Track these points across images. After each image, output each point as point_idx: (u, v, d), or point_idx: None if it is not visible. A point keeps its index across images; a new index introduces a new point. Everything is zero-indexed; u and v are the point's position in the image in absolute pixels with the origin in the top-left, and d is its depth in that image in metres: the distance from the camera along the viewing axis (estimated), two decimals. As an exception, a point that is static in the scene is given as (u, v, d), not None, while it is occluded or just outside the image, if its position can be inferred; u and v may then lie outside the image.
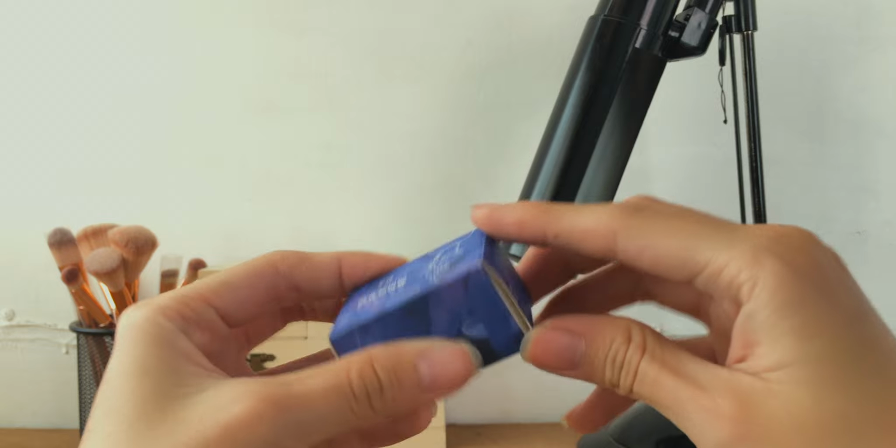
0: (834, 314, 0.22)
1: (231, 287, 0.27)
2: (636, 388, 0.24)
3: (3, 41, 0.92)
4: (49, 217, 0.88)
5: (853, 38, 0.90)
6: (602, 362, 0.24)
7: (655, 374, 0.23)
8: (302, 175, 0.92)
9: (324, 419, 0.23)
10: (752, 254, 0.22)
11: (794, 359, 0.21)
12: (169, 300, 0.26)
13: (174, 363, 0.24)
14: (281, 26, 0.92)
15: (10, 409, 0.92)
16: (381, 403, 0.24)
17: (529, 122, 0.90)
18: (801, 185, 0.91)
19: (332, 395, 0.23)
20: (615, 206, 0.25)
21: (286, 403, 0.23)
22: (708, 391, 0.22)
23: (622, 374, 0.24)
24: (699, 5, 0.67)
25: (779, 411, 0.21)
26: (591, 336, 0.25)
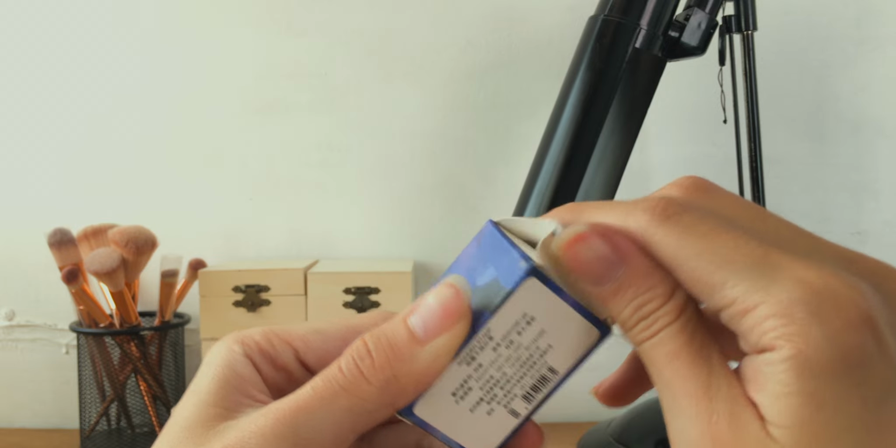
0: (854, 392, 0.19)
1: (322, 336, 0.26)
2: (644, 347, 0.21)
3: (3, 41, 0.92)
4: (49, 217, 0.89)
5: (853, 38, 0.90)
6: (627, 300, 0.22)
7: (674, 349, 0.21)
8: (302, 175, 0.92)
9: (322, 416, 0.22)
10: (787, 304, 0.19)
11: (794, 422, 0.19)
12: (256, 332, 0.26)
13: (223, 384, 0.24)
14: (281, 26, 0.92)
15: (10, 409, 0.92)
16: (376, 372, 0.22)
17: (529, 122, 0.90)
18: (801, 185, 0.91)
19: (323, 388, 0.22)
20: (651, 207, 0.22)
21: (286, 415, 0.22)
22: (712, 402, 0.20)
23: (640, 325, 0.22)
24: (699, 5, 0.67)
25: None
26: (633, 267, 0.22)
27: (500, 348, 0.23)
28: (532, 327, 0.23)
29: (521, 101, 0.91)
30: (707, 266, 0.21)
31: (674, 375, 0.21)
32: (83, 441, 0.82)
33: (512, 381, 0.24)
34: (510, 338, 0.23)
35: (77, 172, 0.92)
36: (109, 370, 0.80)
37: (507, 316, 0.23)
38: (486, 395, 0.24)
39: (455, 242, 0.91)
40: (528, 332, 0.23)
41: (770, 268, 0.20)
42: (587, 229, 0.22)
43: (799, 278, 0.20)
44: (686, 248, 0.21)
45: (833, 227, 0.90)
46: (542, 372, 0.24)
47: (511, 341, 0.23)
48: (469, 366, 0.23)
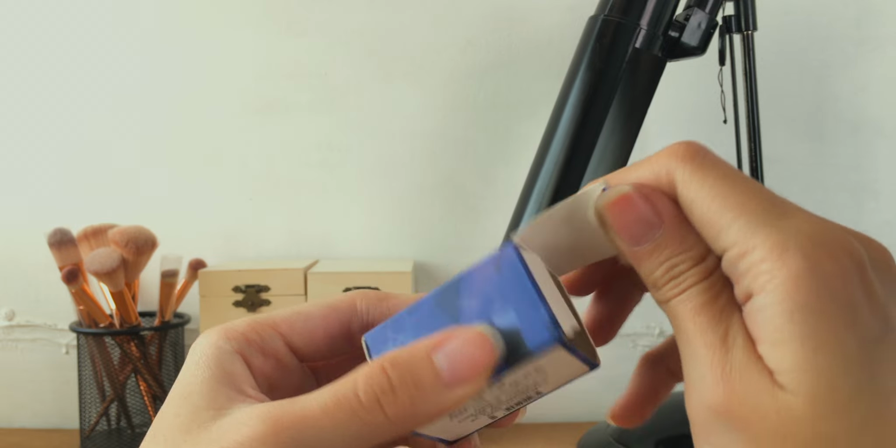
0: (847, 333, 0.20)
1: (304, 317, 0.27)
2: (672, 304, 0.23)
3: (3, 41, 0.92)
4: (49, 217, 0.89)
5: (853, 38, 0.90)
6: (661, 261, 0.23)
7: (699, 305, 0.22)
8: (302, 175, 0.92)
9: (330, 436, 0.21)
10: (782, 246, 0.20)
11: (794, 367, 0.20)
12: (239, 323, 0.26)
13: (213, 385, 0.24)
14: (281, 26, 0.92)
15: (10, 409, 0.92)
16: (396, 407, 0.21)
17: (529, 122, 0.90)
18: (801, 185, 0.91)
19: (335, 409, 0.21)
20: (672, 152, 0.23)
21: (288, 424, 0.21)
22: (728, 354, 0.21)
23: (670, 284, 0.23)
24: (699, 5, 0.67)
25: (770, 412, 0.20)
26: (671, 230, 0.23)
27: (504, 387, 0.24)
28: (539, 374, 0.24)
29: (521, 101, 0.91)
30: (719, 207, 0.22)
31: (696, 329, 0.22)
32: (83, 441, 0.82)
33: (503, 403, 0.25)
34: (517, 381, 0.24)
35: (77, 172, 0.92)
36: (109, 370, 0.80)
37: (523, 370, 0.23)
38: (475, 412, 0.25)
39: (455, 242, 0.91)
40: (534, 377, 0.24)
41: (776, 216, 0.21)
42: (631, 190, 0.23)
43: (798, 225, 0.21)
44: (704, 189, 0.22)
45: (833, 227, 0.90)
46: (531, 394, 0.25)
47: (517, 383, 0.24)
48: (472, 399, 0.24)
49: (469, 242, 0.91)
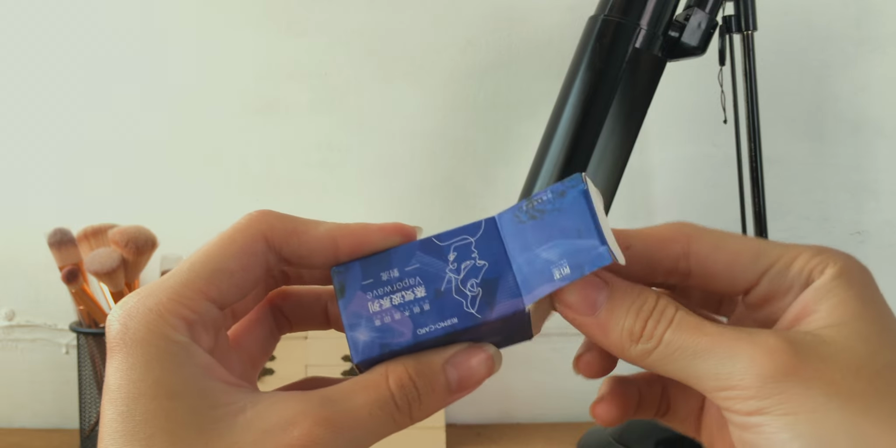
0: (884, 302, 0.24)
1: (227, 274, 0.25)
2: (668, 335, 0.23)
3: (3, 41, 0.92)
4: (49, 217, 0.88)
5: (853, 38, 0.90)
6: (625, 309, 0.24)
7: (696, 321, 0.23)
8: (302, 175, 0.92)
9: (373, 434, 0.24)
10: (818, 250, 0.25)
11: (853, 317, 0.23)
12: (168, 302, 0.24)
13: (199, 382, 0.23)
14: (281, 26, 0.92)
15: (10, 409, 0.92)
16: (419, 412, 0.25)
17: (529, 122, 0.90)
18: (801, 185, 0.91)
19: (378, 410, 0.24)
20: (676, 222, 0.27)
21: (340, 424, 0.23)
22: (758, 335, 0.23)
23: (650, 321, 0.24)
24: (699, 5, 0.67)
25: (833, 355, 0.22)
26: (618, 285, 0.25)
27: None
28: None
29: (521, 101, 0.91)
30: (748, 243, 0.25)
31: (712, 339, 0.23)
32: (83, 441, 0.82)
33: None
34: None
35: (77, 172, 0.92)
36: (109, 370, 0.80)
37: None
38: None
39: (455, 242, 0.91)
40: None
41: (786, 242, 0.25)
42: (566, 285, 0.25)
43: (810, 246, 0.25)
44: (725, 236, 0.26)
45: (833, 227, 0.90)
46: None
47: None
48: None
49: (469, 242, 0.91)
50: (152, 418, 0.22)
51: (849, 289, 0.23)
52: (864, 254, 0.89)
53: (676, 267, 0.26)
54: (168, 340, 0.23)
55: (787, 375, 0.21)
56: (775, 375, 0.21)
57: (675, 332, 0.23)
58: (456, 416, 0.90)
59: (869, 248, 0.90)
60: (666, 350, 0.23)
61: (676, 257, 0.26)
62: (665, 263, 0.26)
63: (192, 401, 0.23)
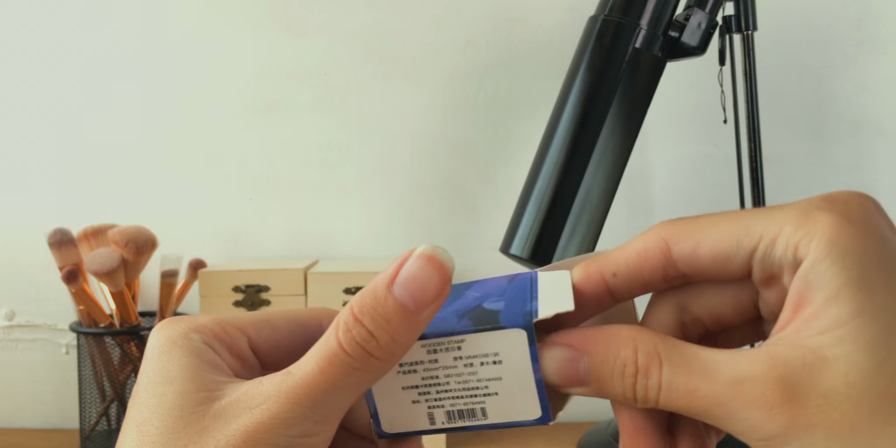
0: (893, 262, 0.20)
1: (271, 326, 0.26)
2: (663, 401, 0.22)
3: (3, 41, 0.92)
4: (49, 217, 0.89)
5: (853, 39, 0.90)
6: (610, 376, 0.23)
7: (684, 382, 0.22)
8: (302, 175, 0.92)
9: (336, 392, 0.23)
10: (804, 213, 0.21)
11: (854, 314, 0.20)
12: (206, 320, 0.26)
13: (196, 370, 0.24)
14: (281, 26, 0.92)
15: (10, 409, 0.92)
16: (381, 349, 0.22)
17: (529, 122, 0.90)
18: (801, 185, 0.91)
19: (331, 368, 0.22)
20: (653, 227, 0.24)
21: (295, 395, 0.22)
22: (749, 383, 0.21)
23: (638, 387, 0.23)
24: (699, 5, 0.67)
25: (834, 383, 0.20)
26: (592, 350, 0.23)
27: (459, 362, 0.25)
28: (494, 368, 0.24)
29: (521, 101, 0.91)
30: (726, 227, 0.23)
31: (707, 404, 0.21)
32: (83, 441, 0.82)
33: (449, 393, 0.25)
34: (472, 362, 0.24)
35: (77, 172, 0.92)
36: (109, 370, 0.80)
37: (483, 342, 0.24)
38: (422, 387, 0.25)
39: (455, 242, 0.91)
40: (488, 370, 0.24)
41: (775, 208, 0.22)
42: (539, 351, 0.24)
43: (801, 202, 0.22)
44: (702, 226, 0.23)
45: (833, 227, 0.90)
46: (474, 407, 0.25)
47: (471, 364, 0.24)
48: (427, 354, 0.25)
49: (469, 242, 0.91)
50: (150, 404, 0.23)
51: (842, 271, 0.20)
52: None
53: (668, 274, 0.24)
54: (186, 338, 0.25)
55: (787, 430, 0.20)
56: (784, 433, 0.20)
57: (668, 397, 0.22)
58: (456, 416, 0.90)
59: (869, 248, 0.90)
60: (669, 407, 0.23)
61: (663, 267, 0.24)
62: (656, 277, 0.24)
63: (181, 385, 0.23)
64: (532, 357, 0.24)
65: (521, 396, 0.24)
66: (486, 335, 0.24)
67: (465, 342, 0.24)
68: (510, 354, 0.24)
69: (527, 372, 0.24)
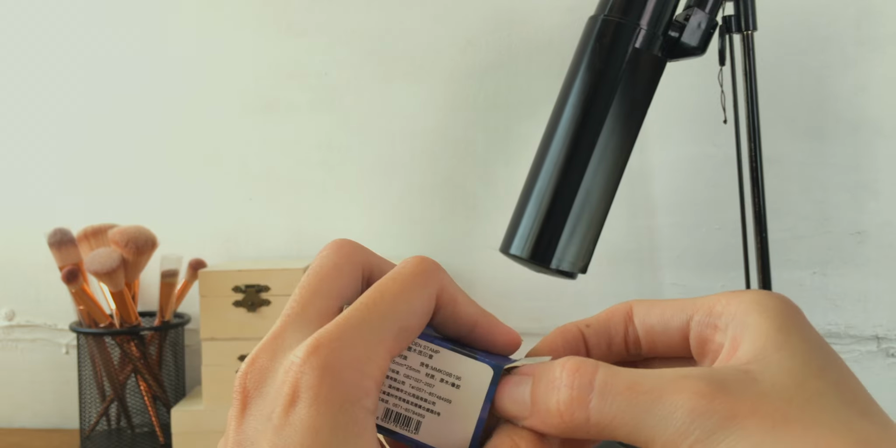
0: (799, 317, 0.25)
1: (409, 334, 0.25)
2: (597, 404, 0.22)
3: (3, 41, 0.92)
4: (49, 217, 0.89)
5: (853, 39, 0.90)
6: (545, 391, 0.23)
7: (625, 378, 0.23)
8: (302, 175, 0.92)
9: None
10: (735, 294, 0.26)
11: (775, 349, 0.23)
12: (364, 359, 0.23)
13: None
14: (281, 26, 0.92)
15: (10, 409, 0.92)
16: None
17: (529, 122, 0.90)
18: (801, 185, 0.91)
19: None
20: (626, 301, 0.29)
21: None
22: (693, 379, 0.22)
23: (573, 391, 0.23)
24: (699, 5, 0.67)
25: (765, 389, 0.22)
26: (536, 372, 0.24)
27: (423, 369, 0.26)
28: (450, 390, 0.25)
29: (521, 101, 0.91)
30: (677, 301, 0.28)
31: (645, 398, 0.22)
32: (83, 441, 0.82)
33: (399, 393, 0.26)
34: (434, 375, 0.26)
35: (77, 172, 0.92)
36: (109, 370, 0.80)
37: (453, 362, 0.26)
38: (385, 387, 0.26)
39: (455, 242, 0.91)
40: (444, 389, 0.25)
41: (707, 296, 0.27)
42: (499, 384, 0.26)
43: (730, 291, 0.27)
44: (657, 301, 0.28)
45: (833, 227, 0.90)
46: (412, 417, 0.26)
47: (432, 376, 0.26)
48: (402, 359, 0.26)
49: (469, 242, 0.91)
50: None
51: (767, 319, 0.24)
52: (864, 254, 0.90)
53: (627, 332, 0.28)
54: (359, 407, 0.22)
55: (724, 420, 0.21)
56: (713, 423, 0.21)
57: (603, 397, 0.23)
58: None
59: (869, 248, 0.90)
60: (602, 419, 0.23)
61: (625, 322, 0.28)
62: (619, 331, 0.28)
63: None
64: (487, 395, 0.25)
65: (458, 427, 0.25)
66: (459, 357, 0.25)
67: (438, 354, 0.25)
68: (470, 383, 0.25)
69: (476, 406, 0.25)
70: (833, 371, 0.23)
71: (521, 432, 0.25)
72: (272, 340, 0.24)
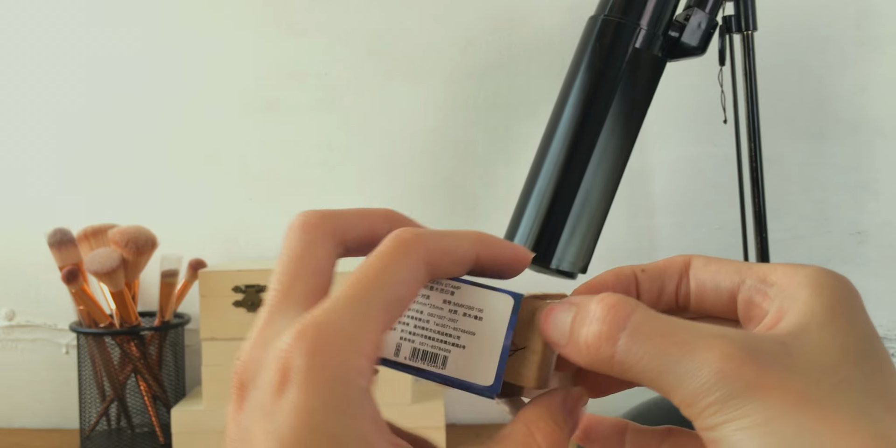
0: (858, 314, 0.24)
1: (400, 304, 0.24)
2: (626, 344, 0.23)
3: (3, 41, 0.92)
4: (49, 217, 0.89)
5: (853, 39, 0.90)
6: (580, 326, 0.24)
7: (660, 325, 0.23)
8: (302, 175, 0.92)
9: None
10: (793, 267, 0.26)
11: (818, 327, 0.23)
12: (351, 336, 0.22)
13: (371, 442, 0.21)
14: (281, 26, 0.92)
15: (10, 409, 0.92)
16: None
17: (529, 122, 0.90)
18: (801, 185, 0.91)
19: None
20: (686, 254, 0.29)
21: None
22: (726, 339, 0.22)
23: (606, 324, 0.23)
24: (699, 5, 0.67)
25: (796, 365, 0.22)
26: (581, 305, 0.25)
27: (446, 306, 0.27)
28: (473, 323, 0.26)
29: (521, 101, 0.91)
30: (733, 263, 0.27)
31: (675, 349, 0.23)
32: (83, 441, 0.82)
33: (424, 331, 0.27)
34: (457, 310, 0.27)
35: (77, 172, 0.92)
36: (109, 370, 0.80)
37: (474, 296, 0.27)
38: (405, 317, 0.27)
39: (455, 242, 0.91)
40: (467, 323, 0.26)
41: (764, 264, 0.27)
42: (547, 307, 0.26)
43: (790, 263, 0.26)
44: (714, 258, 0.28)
45: (833, 227, 0.90)
46: (438, 353, 0.27)
47: (455, 311, 0.27)
48: (425, 289, 0.27)
49: (469, 242, 0.91)
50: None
51: (818, 297, 0.24)
52: (864, 254, 0.90)
53: (680, 285, 0.28)
54: (353, 386, 0.22)
55: (748, 387, 0.21)
56: (736, 388, 0.21)
57: (634, 337, 0.23)
58: (456, 416, 0.90)
59: (869, 248, 0.90)
60: (627, 359, 0.23)
61: (680, 274, 0.28)
62: (673, 282, 0.28)
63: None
64: (510, 324, 0.26)
65: (484, 358, 0.26)
66: (479, 290, 0.27)
67: (459, 290, 0.27)
68: (492, 315, 0.26)
69: (499, 335, 0.26)
70: (871, 362, 0.23)
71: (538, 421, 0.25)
72: (261, 331, 0.24)
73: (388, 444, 0.22)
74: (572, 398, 0.26)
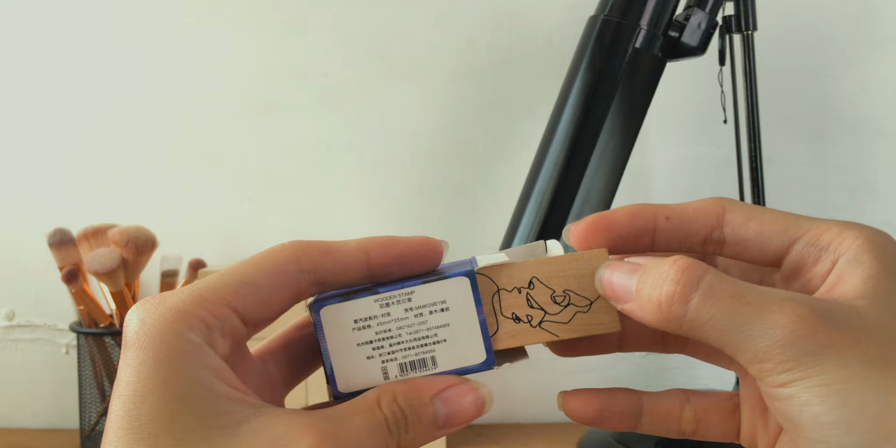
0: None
1: (254, 288, 0.25)
2: (699, 303, 0.23)
3: (3, 41, 0.92)
4: (49, 217, 0.89)
5: (853, 39, 0.90)
6: (652, 286, 0.24)
7: (731, 286, 0.23)
8: (302, 175, 0.92)
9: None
10: (849, 223, 0.26)
11: (885, 291, 0.24)
12: (189, 303, 0.24)
13: (209, 387, 0.23)
14: (281, 26, 0.92)
15: (10, 409, 0.92)
16: (405, 440, 0.25)
17: (529, 122, 0.90)
18: (801, 185, 0.91)
19: (375, 432, 0.24)
20: (713, 197, 0.28)
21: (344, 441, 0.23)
22: (797, 302, 0.23)
23: (680, 285, 0.24)
24: (699, 5, 0.67)
25: (867, 326, 0.23)
26: (649, 266, 0.25)
27: (409, 313, 0.27)
28: (442, 316, 0.27)
29: (521, 101, 0.91)
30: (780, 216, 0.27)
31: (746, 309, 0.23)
32: (83, 441, 0.82)
33: (401, 345, 0.27)
34: (422, 311, 0.27)
35: (77, 172, 0.92)
36: (109, 370, 0.80)
37: (431, 292, 0.27)
38: (376, 342, 0.27)
39: (455, 242, 0.91)
40: (437, 318, 0.27)
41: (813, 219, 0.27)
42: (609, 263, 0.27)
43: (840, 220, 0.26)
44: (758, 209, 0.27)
45: (833, 227, 0.90)
46: (425, 357, 0.27)
47: (421, 314, 0.27)
48: (381, 309, 0.27)
49: (469, 242, 0.91)
50: (158, 419, 0.22)
51: (880, 262, 0.24)
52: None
53: (711, 236, 0.27)
54: (182, 339, 0.23)
55: (823, 347, 0.22)
56: (811, 347, 0.22)
57: (707, 298, 0.23)
58: (456, 416, 0.90)
59: (869, 248, 0.90)
60: (698, 318, 0.23)
61: (711, 226, 0.27)
62: (701, 233, 0.27)
63: (197, 404, 0.23)
64: (476, 301, 0.27)
65: (467, 340, 0.27)
66: (433, 285, 0.27)
67: (414, 294, 0.27)
68: (456, 301, 0.27)
69: (472, 315, 0.27)
70: None
71: None
72: None
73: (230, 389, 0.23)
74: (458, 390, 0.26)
